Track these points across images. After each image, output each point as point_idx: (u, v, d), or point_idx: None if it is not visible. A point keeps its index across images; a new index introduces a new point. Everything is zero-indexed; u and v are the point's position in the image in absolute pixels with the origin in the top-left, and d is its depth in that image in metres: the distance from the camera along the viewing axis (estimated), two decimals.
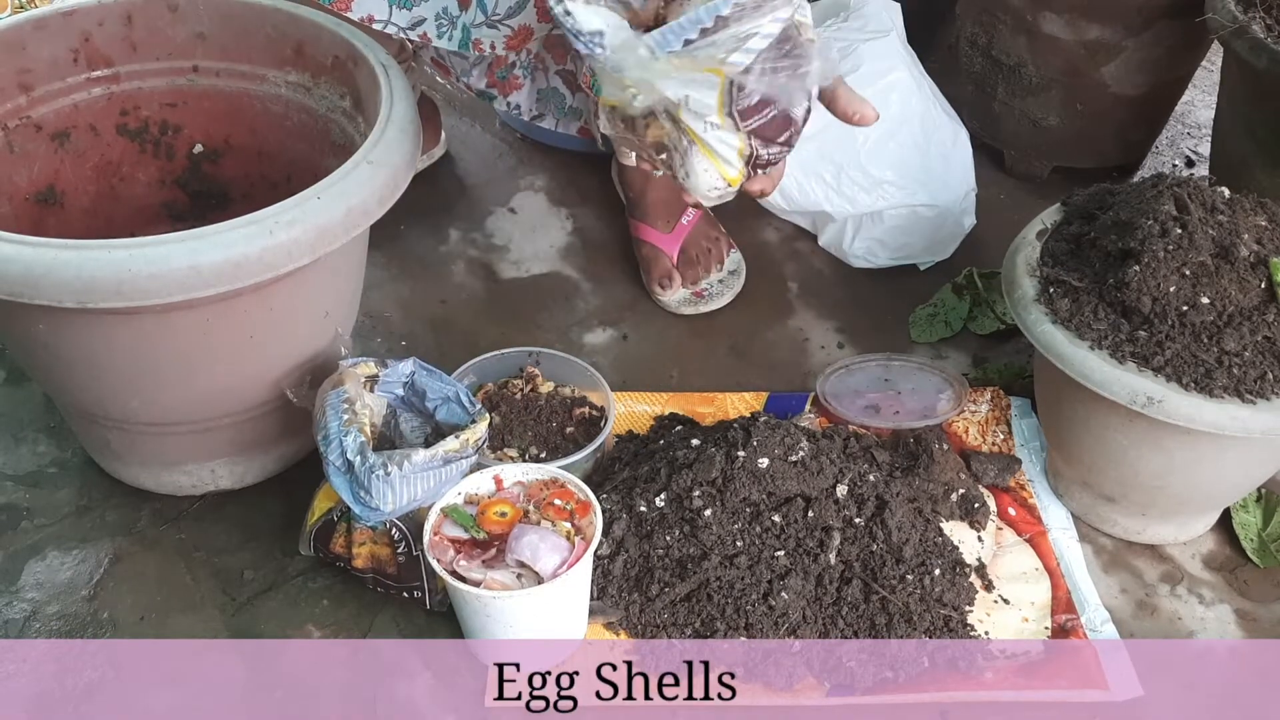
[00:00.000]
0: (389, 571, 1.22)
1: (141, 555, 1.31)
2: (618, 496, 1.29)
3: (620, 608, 1.23)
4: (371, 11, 1.39)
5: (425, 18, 1.41)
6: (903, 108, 1.68)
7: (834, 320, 1.66)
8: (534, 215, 1.83)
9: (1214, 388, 1.16)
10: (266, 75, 1.38)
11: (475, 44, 1.37)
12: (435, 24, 1.41)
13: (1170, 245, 1.21)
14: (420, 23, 1.41)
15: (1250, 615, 1.30)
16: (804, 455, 1.28)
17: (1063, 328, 1.23)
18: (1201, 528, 1.37)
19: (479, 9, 1.36)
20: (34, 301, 1.05)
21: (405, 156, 1.20)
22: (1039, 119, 1.86)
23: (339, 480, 1.16)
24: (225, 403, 1.25)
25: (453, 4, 1.43)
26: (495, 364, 1.45)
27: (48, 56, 1.33)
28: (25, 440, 1.44)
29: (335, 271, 1.24)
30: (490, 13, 1.34)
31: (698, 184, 1.09)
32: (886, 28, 1.70)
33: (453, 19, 1.45)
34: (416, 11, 1.40)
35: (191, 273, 1.05)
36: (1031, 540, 1.35)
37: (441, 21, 1.43)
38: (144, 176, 1.44)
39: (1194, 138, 2.06)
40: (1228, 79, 1.64)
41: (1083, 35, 1.75)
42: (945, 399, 1.48)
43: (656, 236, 1.68)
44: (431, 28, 1.41)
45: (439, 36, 1.42)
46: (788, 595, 1.20)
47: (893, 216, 1.68)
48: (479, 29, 1.36)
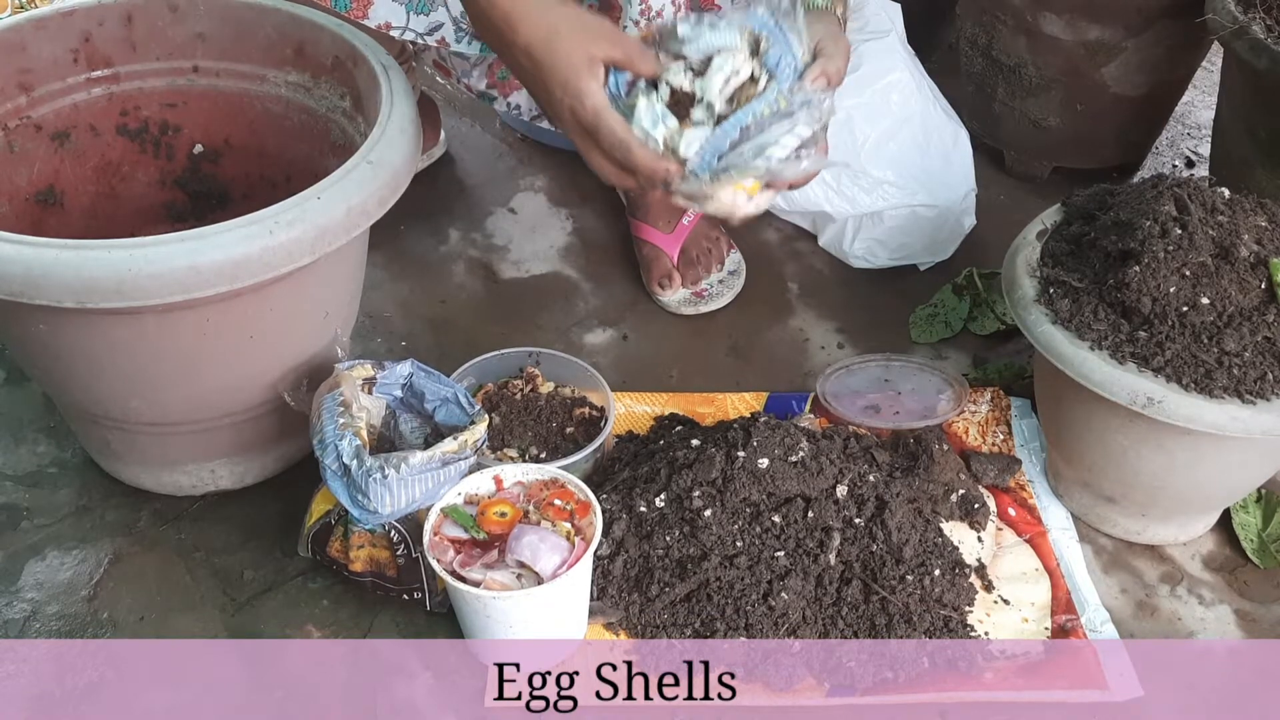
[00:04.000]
0: (389, 574, 1.22)
1: (141, 555, 1.31)
2: (618, 497, 1.29)
3: (620, 608, 1.23)
4: (389, 19, 1.39)
5: (443, 22, 1.41)
6: (903, 108, 1.68)
7: (834, 320, 1.66)
8: (534, 215, 1.83)
9: (1214, 388, 1.16)
10: (266, 75, 1.38)
11: None
12: (454, 29, 1.41)
13: (1170, 246, 1.21)
14: (438, 28, 1.41)
15: (1250, 615, 1.30)
16: (804, 456, 1.28)
17: (1063, 328, 1.23)
18: (1201, 528, 1.37)
19: None
20: (34, 301, 1.05)
21: (405, 156, 1.20)
22: (1039, 119, 1.86)
23: (336, 484, 1.16)
24: (225, 403, 1.25)
25: None
26: (495, 364, 1.45)
27: (48, 56, 1.33)
28: (25, 440, 1.44)
29: (335, 272, 1.24)
30: None
31: (720, 209, 1.15)
32: (886, 28, 1.71)
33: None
34: (434, 16, 1.40)
35: (191, 273, 1.05)
36: (1031, 541, 1.35)
37: (462, 28, 1.43)
38: (144, 177, 1.44)
39: (1194, 138, 2.06)
40: (1228, 79, 1.64)
41: (1083, 35, 1.75)
42: (945, 399, 1.48)
43: (657, 236, 1.68)
44: (450, 32, 1.41)
45: (457, 41, 1.42)
46: (788, 595, 1.20)
47: (893, 217, 1.68)
48: None
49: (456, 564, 1.13)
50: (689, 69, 1.12)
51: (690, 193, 1.13)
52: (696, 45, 1.12)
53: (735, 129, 1.10)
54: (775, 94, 1.10)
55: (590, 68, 1.09)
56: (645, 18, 1.31)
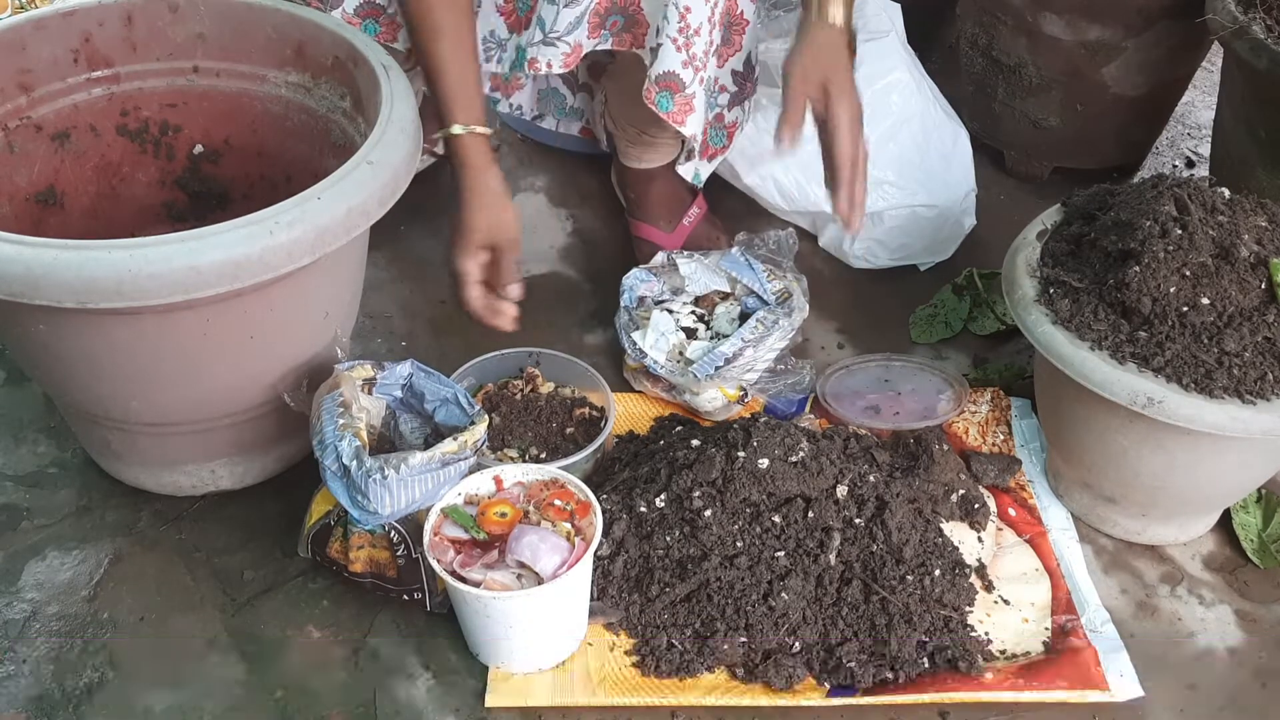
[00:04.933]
0: (389, 574, 1.22)
1: (141, 556, 1.31)
2: (618, 497, 1.29)
3: (620, 608, 1.23)
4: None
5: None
6: (903, 108, 1.68)
7: (834, 320, 1.66)
8: (534, 215, 1.83)
9: (1214, 388, 1.16)
10: (266, 75, 1.38)
11: (531, 63, 1.37)
12: (483, 48, 1.41)
13: (1170, 246, 1.21)
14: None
15: (1250, 616, 1.30)
16: (804, 456, 1.28)
17: (1063, 328, 1.23)
18: (1202, 528, 1.37)
19: (538, 27, 1.36)
20: (34, 302, 1.05)
21: (405, 157, 1.20)
22: (1039, 119, 1.86)
23: (336, 485, 1.16)
24: (225, 403, 1.25)
25: (501, 25, 1.42)
26: (495, 364, 1.45)
27: (48, 57, 1.33)
28: (25, 440, 1.44)
29: (335, 272, 1.24)
30: (549, 30, 1.35)
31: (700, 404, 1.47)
32: (886, 28, 1.70)
33: (501, 41, 1.44)
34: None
35: (191, 273, 1.05)
36: (1032, 541, 1.35)
37: (489, 45, 1.43)
38: (144, 177, 1.44)
39: (1194, 138, 2.06)
40: (1228, 80, 1.64)
41: (1083, 36, 1.74)
42: (945, 400, 1.48)
43: (658, 236, 1.68)
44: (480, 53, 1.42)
45: (486, 60, 1.42)
46: (788, 596, 1.20)
47: (893, 217, 1.67)
48: (536, 48, 1.37)
49: (456, 564, 1.13)
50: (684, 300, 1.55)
51: (684, 386, 1.45)
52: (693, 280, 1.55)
53: (730, 349, 1.43)
54: (754, 320, 1.47)
55: (477, 247, 1.33)
56: (684, 35, 1.33)
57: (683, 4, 1.31)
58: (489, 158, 1.33)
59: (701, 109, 1.40)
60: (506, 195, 1.35)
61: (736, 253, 1.55)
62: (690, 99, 1.37)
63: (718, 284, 1.56)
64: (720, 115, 1.49)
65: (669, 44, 1.33)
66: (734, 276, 1.54)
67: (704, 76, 1.37)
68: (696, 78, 1.36)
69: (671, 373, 1.45)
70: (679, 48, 1.33)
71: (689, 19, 1.32)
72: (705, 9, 1.32)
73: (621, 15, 1.36)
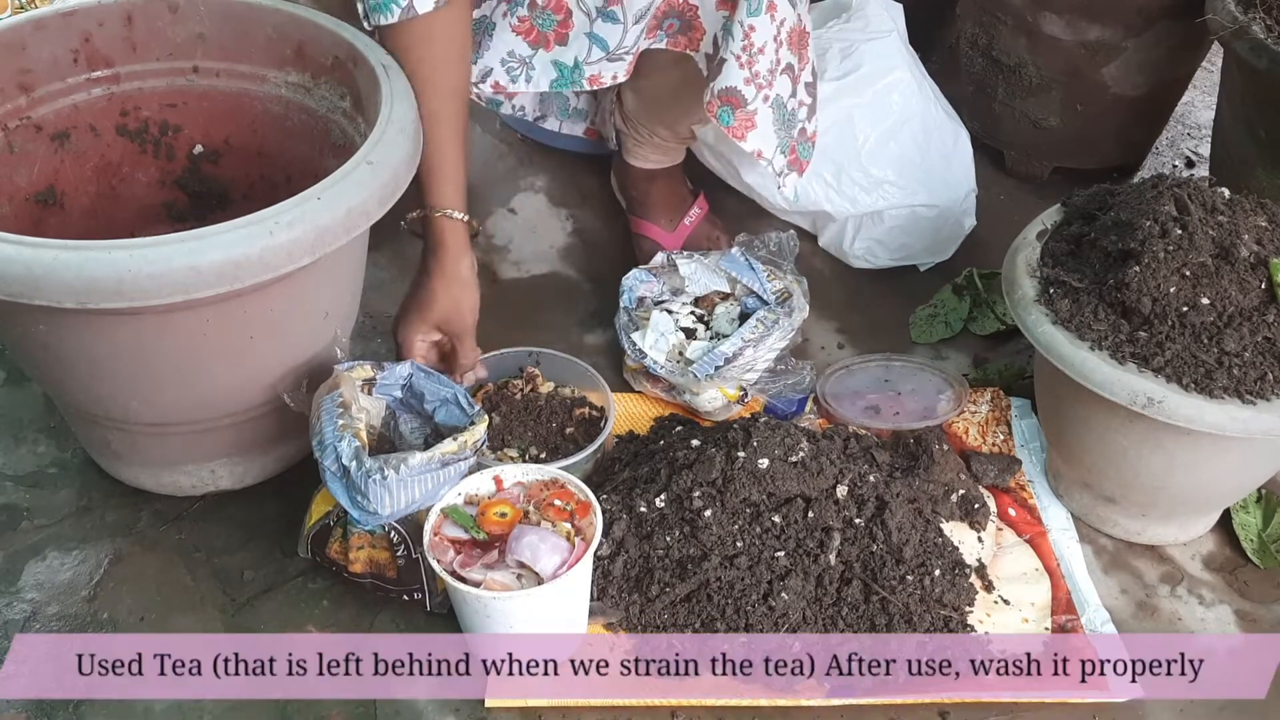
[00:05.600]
0: (388, 575, 1.22)
1: (141, 556, 1.31)
2: (618, 497, 1.29)
3: (620, 608, 1.23)
4: (498, 79, 1.43)
5: (492, 67, 1.42)
6: (903, 108, 1.68)
7: (834, 320, 1.66)
8: (534, 215, 1.83)
9: (1214, 388, 1.16)
10: (266, 75, 1.38)
11: (592, 80, 1.40)
12: (504, 68, 1.42)
13: (1170, 246, 1.21)
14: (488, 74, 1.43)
15: (1250, 616, 1.30)
16: (804, 456, 1.28)
17: (1063, 328, 1.23)
18: (1202, 528, 1.37)
19: (597, 46, 1.38)
20: (34, 302, 1.05)
21: (405, 157, 1.20)
22: (1039, 119, 1.86)
23: (335, 486, 1.16)
24: (225, 403, 1.25)
25: (520, 44, 1.41)
26: (495, 364, 1.45)
27: (48, 57, 1.33)
28: (25, 440, 1.44)
29: (335, 272, 1.24)
30: (614, 48, 1.38)
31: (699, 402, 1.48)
32: (887, 28, 1.70)
33: (524, 59, 1.43)
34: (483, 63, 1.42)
35: (191, 273, 1.05)
36: (1031, 541, 1.35)
37: (510, 64, 1.43)
38: (144, 177, 1.44)
39: (1194, 138, 2.06)
40: (1228, 80, 1.64)
41: (1083, 36, 1.75)
42: (945, 400, 1.48)
43: (659, 234, 1.68)
44: (501, 75, 1.43)
45: (511, 80, 1.43)
46: (788, 596, 1.20)
47: (893, 217, 1.67)
48: (598, 65, 1.39)
49: (456, 564, 1.13)
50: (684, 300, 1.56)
51: (684, 386, 1.46)
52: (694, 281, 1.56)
53: (730, 349, 1.44)
54: (754, 320, 1.47)
55: (429, 325, 1.34)
56: (747, 53, 1.33)
57: (747, 22, 1.31)
58: (467, 244, 1.33)
59: (766, 126, 1.39)
60: (474, 284, 1.35)
61: (737, 253, 1.55)
62: (752, 116, 1.37)
63: (718, 284, 1.56)
64: (804, 130, 1.48)
65: (732, 60, 1.34)
66: (734, 277, 1.55)
67: (769, 94, 1.37)
68: (760, 95, 1.36)
69: (671, 373, 1.45)
70: (742, 65, 1.34)
71: (753, 38, 1.32)
72: (770, 28, 1.33)
73: (678, 19, 1.36)
